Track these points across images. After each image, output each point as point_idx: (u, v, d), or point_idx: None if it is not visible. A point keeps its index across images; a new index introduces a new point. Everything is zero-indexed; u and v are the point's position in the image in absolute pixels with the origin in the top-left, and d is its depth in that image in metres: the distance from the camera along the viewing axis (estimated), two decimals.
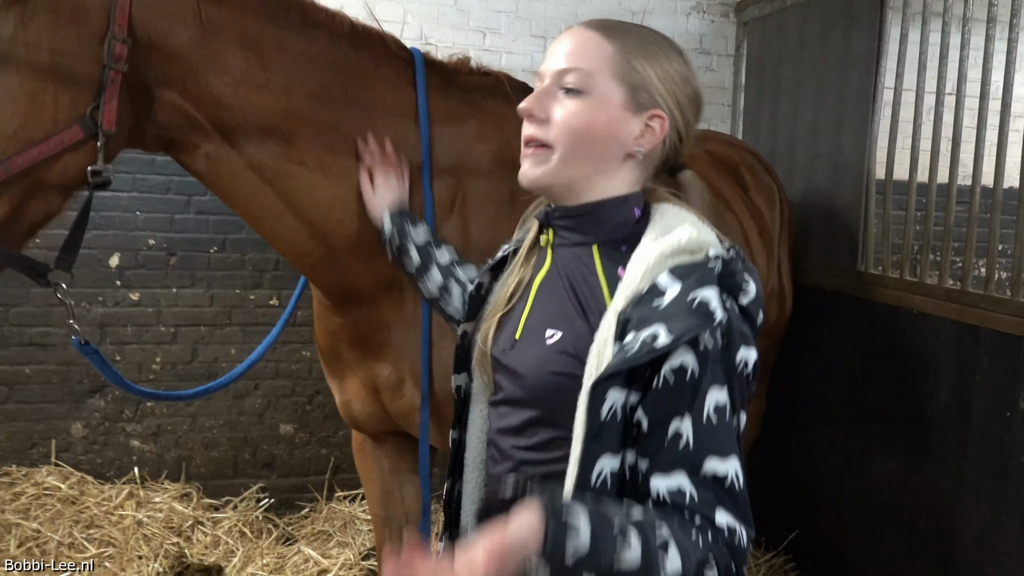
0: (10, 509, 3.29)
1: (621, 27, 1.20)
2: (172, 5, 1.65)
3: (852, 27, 3.21)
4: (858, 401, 3.12)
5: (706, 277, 1.07)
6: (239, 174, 1.76)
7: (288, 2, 1.80)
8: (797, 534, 3.48)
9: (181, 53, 1.65)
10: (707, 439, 1.04)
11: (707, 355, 1.04)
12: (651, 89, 1.16)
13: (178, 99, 1.68)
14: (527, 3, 3.89)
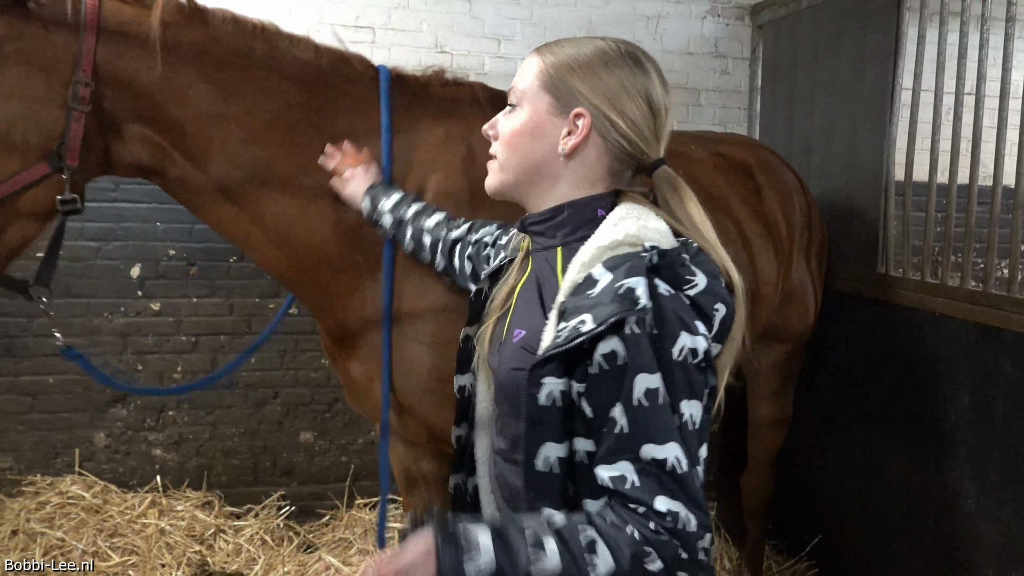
0: (35, 518, 3.33)
1: (560, 44, 1.29)
2: (135, 48, 1.79)
3: (867, 28, 3.19)
4: (879, 405, 3.10)
5: (636, 267, 1.12)
6: (207, 195, 1.91)
7: (252, 31, 1.92)
8: (820, 539, 3.45)
9: (146, 90, 1.81)
10: (640, 425, 1.07)
11: (633, 341, 1.08)
12: (575, 93, 1.24)
13: (146, 131, 1.84)
14: (541, 10, 3.90)
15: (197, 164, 1.88)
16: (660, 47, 4.04)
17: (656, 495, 1.05)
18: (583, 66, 1.24)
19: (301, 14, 3.63)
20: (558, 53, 1.27)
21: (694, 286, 1.14)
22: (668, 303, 1.10)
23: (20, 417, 3.49)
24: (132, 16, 1.81)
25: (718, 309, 1.16)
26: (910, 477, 2.95)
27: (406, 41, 3.75)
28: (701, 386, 1.12)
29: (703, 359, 1.11)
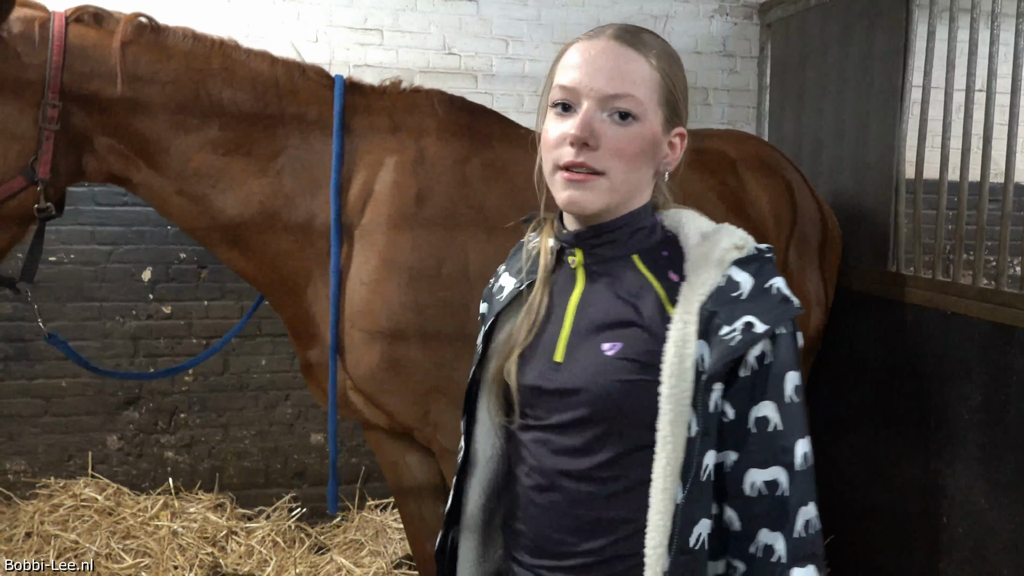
0: (49, 521, 3.35)
1: (652, 43, 1.19)
2: (99, 68, 1.98)
3: (876, 26, 3.18)
4: (889, 404, 3.08)
5: (768, 268, 1.15)
6: (169, 197, 2.11)
7: (211, 47, 2.11)
8: (832, 539, 3.44)
9: (110, 106, 2.00)
10: (792, 421, 1.11)
11: (784, 340, 1.12)
12: (679, 108, 1.20)
13: (111, 142, 2.04)
14: (549, 10, 3.90)
15: (159, 170, 2.07)
16: None
17: (808, 500, 1.12)
18: (683, 80, 1.20)
19: (309, 17, 3.64)
20: (663, 57, 1.18)
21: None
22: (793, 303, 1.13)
23: (34, 420, 3.51)
24: (95, 39, 2.00)
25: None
26: (922, 476, 2.93)
27: (414, 43, 3.76)
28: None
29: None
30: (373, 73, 3.66)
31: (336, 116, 2.15)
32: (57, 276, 3.46)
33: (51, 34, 1.94)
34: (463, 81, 3.82)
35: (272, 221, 2.13)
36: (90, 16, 2.02)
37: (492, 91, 3.86)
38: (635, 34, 1.19)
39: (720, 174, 2.80)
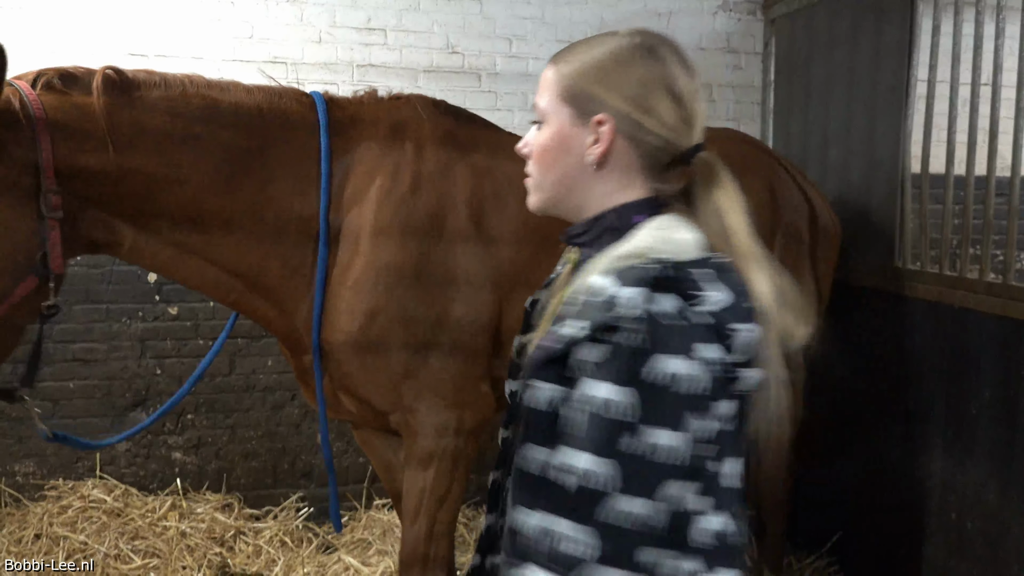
0: (58, 522, 3.36)
1: (572, 50, 1.25)
2: (87, 139, 1.82)
3: (882, 21, 3.17)
4: (899, 401, 3.07)
5: (635, 277, 1.06)
6: (160, 252, 2.01)
7: (183, 91, 1.99)
8: (840, 536, 3.43)
9: (100, 176, 1.85)
10: (581, 431, 1.03)
11: (608, 350, 1.03)
12: (594, 99, 1.19)
13: (101, 213, 1.91)
14: (553, 9, 3.89)
15: (150, 230, 1.97)
16: None
17: (535, 504, 1.06)
18: (597, 70, 1.20)
19: (313, 18, 3.65)
20: (571, 60, 1.22)
21: (704, 303, 1.05)
22: (663, 319, 1.03)
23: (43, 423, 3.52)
24: (74, 108, 1.82)
25: (735, 329, 1.06)
26: (933, 473, 2.92)
27: (418, 43, 3.76)
28: (686, 416, 1.01)
29: (703, 387, 1.02)
30: (377, 73, 3.66)
31: (323, 133, 2.12)
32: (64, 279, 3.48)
33: (31, 113, 1.74)
34: (467, 80, 3.82)
35: (268, 253, 2.11)
36: (57, 79, 1.83)
37: (496, 90, 3.86)
38: (565, 50, 1.26)
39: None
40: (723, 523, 1.07)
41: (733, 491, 1.10)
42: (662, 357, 1.01)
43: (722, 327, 1.06)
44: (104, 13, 3.44)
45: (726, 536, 1.07)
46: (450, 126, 2.35)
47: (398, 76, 3.70)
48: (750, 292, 1.11)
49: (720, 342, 1.05)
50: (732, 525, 1.08)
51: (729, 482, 1.09)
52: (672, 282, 1.06)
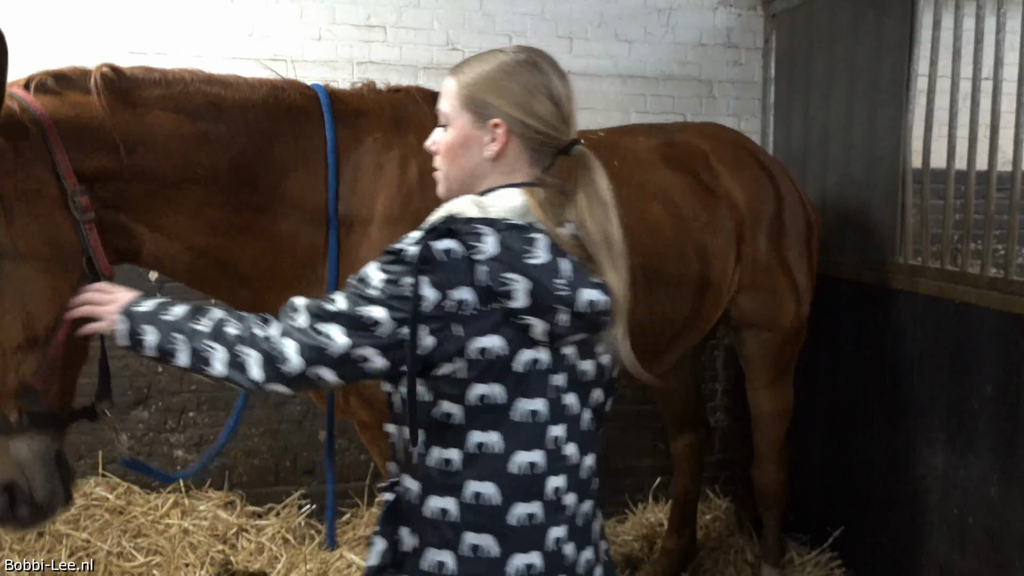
0: (60, 520, 3.36)
1: (469, 64, 1.50)
2: (97, 141, 1.77)
3: (883, 15, 3.17)
4: (901, 396, 3.08)
5: (429, 225, 1.38)
6: (178, 256, 1.97)
7: (186, 87, 1.94)
8: (843, 531, 3.43)
9: (111, 177, 1.80)
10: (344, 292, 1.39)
11: (384, 257, 1.38)
12: (488, 106, 1.45)
13: (119, 217, 1.85)
14: (553, 5, 3.89)
15: (170, 235, 1.92)
16: (672, 39, 4.02)
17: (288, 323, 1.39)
18: (490, 81, 1.45)
19: (313, 15, 3.64)
20: (468, 73, 1.48)
21: (479, 252, 1.33)
22: (430, 255, 1.33)
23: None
24: (76, 109, 1.77)
25: (512, 279, 1.33)
26: (934, 467, 2.92)
27: (418, 39, 3.76)
28: (378, 304, 1.34)
29: (399, 295, 1.33)
30: (377, 70, 3.66)
31: (328, 127, 2.09)
32: None
33: (36, 116, 1.70)
34: None
35: (280, 250, 2.07)
36: (51, 80, 1.77)
37: None
38: (461, 64, 1.52)
39: (691, 167, 2.82)
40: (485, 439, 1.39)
41: (538, 426, 1.41)
42: (412, 278, 1.33)
43: (493, 273, 1.33)
44: (103, 11, 3.43)
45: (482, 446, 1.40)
46: None
47: (398, 73, 3.69)
48: (538, 251, 1.36)
49: (479, 285, 1.33)
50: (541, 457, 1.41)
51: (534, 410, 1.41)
52: (452, 232, 1.35)
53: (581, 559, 1.49)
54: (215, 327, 1.42)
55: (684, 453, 3.42)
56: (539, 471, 1.41)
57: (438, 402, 1.39)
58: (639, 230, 2.56)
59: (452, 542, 1.40)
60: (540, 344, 1.39)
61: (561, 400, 1.43)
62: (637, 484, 4.07)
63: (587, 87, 3.94)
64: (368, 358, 1.35)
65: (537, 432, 1.41)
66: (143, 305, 1.50)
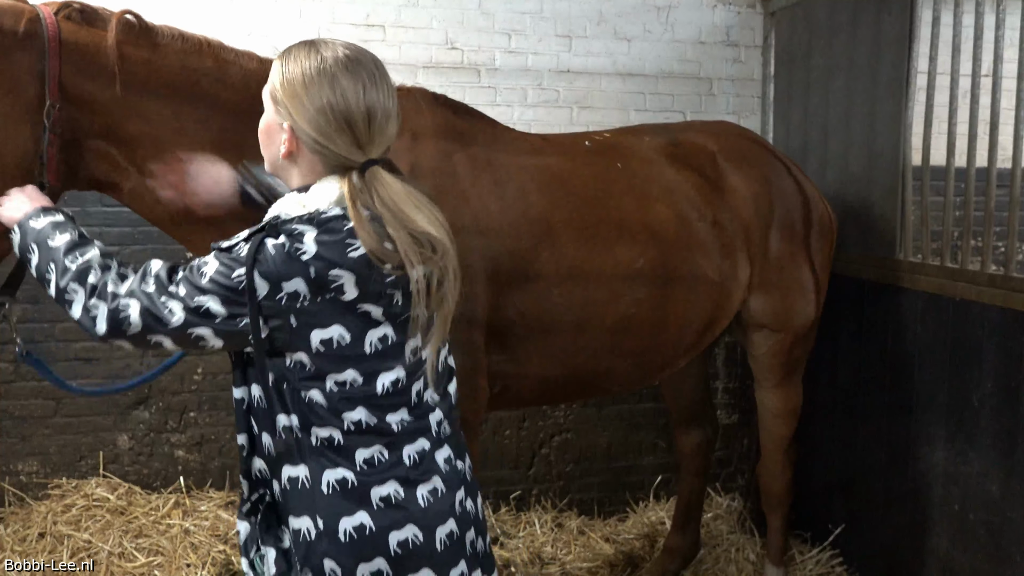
0: (62, 521, 3.37)
1: (289, 57, 1.53)
2: (94, 68, 1.90)
3: (882, 12, 3.16)
4: (901, 392, 3.08)
5: (261, 226, 1.48)
6: (158, 203, 2.01)
7: (199, 48, 2.05)
8: (843, 528, 3.43)
9: (105, 108, 1.92)
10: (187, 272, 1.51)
11: (218, 254, 1.50)
12: (286, 108, 1.50)
13: (104, 146, 1.96)
14: (552, 3, 3.89)
15: (151, 177, 1.97)
16: (671, 36, 4.02)
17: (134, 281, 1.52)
18: (292, 87, 1.49)
19: (312, 14, 3.64)
20: (284, 67, 1.52)
21: (304, 252, 1.42)
22: (253, 249, 1.43)
23: (45, 421, 3.53)
24: (88, 38, 1.91)
25: (338, 275, 1.42)
26: (935, 464, 2.92)
27: (416, 39, 3.76)
28: (213, 295, 1.46)
29: (232, 286, 1.45)
30: None
31: None
32: None
33: (44, 30, 1.83)
34: (466, 76, 3.81)
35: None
36: (77, 13, 1.92)
37: (495, 85, 3.86)
38: (288, 49, 1.56)
39: (697, 166, 2.78)
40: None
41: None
42: (255, 275, 1.43)
43: (323, 272, 1.41)
44: None
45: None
46: (450, 118, 2.36)
47: (397, 72, 3.66)
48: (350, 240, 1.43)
49: (310, 278, 1.42)
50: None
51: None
52: (278, 232, 1.44)
53: (466, 469, 1.66)
54: (81, 270, 1.51)
55: (691, 451, 3.40)
56: (410, 422, 1.54)
57: (300, 392, 1.48)
58: (643, 233, 2.54)
59: (362, 503, 1.49)
60: (384, 322, 1.49)
61: (419, 357, 1.55)
62: (638, 482, 4.07)
63: (586, 85, 3.94)
64: (204, 337, 1.48)
65: (402, 394, 1.53)
66: (38, 220, 1.59)
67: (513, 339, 2.37)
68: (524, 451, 3.93)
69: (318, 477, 1.49)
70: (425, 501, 1.52)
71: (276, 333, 1.46)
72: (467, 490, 1.62)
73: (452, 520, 1.56)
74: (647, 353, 2.64)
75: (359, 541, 1.48)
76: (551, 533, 3.73)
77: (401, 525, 1.50)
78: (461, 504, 1.59)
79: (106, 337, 1.50)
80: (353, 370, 1.48)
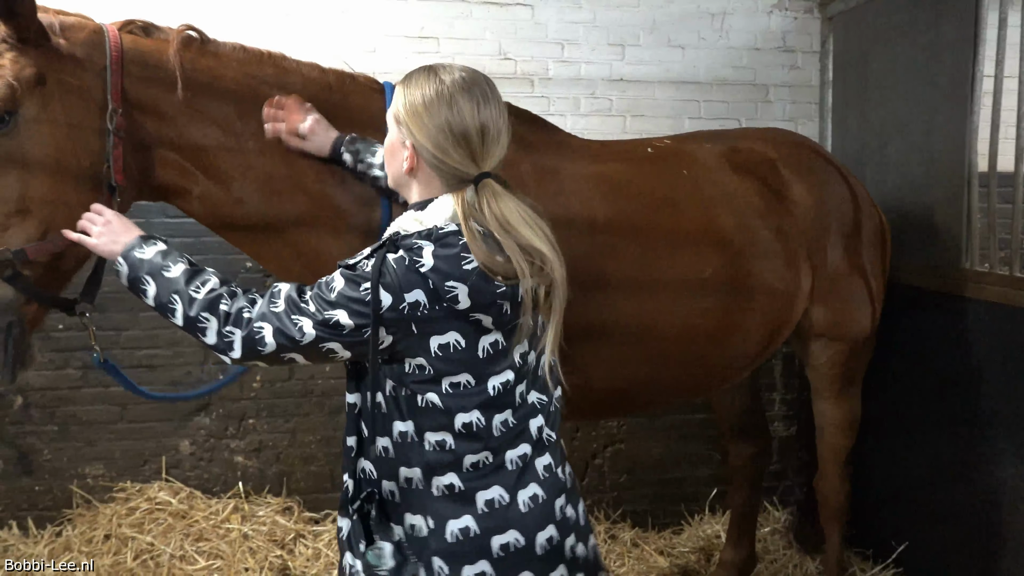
0: (126, 523, 3.46)
1: (409, 83, 1.64)
2: (156, 74, 1.98)
3: (942, 16, 3.09)
4: (967, 406, 2.98)
5: (380, 242, 1.58)
6: (228, 207, 2.09)
7: (260, 57, 2.14)
8: (907, 546, 3.33)
9: (170, 115, 2.00)
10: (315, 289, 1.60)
11: (344, 270, 1.58)
12: (408, 128, 1.61)
13: (170, 154, 2.02)
14: (604, 12, 3.88)
15: (218, 183, 2.06)
16: (726, 43, 3.98)
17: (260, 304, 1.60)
18: (412, 108, 1.60)
19: (366, 28, 3.70)
20: (404, 92, 1.64)
21: (422, 264, 1.52)
22: (377, 264, 1.53)
23: (110, 427, 3.64)
24: (151, 46, 2.00)
25: (453, 287, 1.51)
26: (1003, 480, 2.82)
27: (469, 50, 3.79)
28: (342, 308, 1.54)
29: (359, 298, 1.53)
30: None
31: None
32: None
33: (107, 40, 1.93)
34: (519, 86, 3.83)
35: (326, 227, 2.14)
36: (139, 28, 2.03)
37: (548, 95, 3.87)
38: (408, 75, 1.67)
39: (759, 174, 2.73)
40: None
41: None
42: (379, 288, 1.52)
43: (440, 283, 1.51)
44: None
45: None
46: (514, 127, 2.37)
47: None
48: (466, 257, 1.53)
49: (428, 288, 1.51)
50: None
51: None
52: (396, 246, 1.55)
53: (567, 476, 1.72)
54: (210, 299, 1.60)
55: (742, 463, 3.34)
56: (514, 425, 1.62)
57: (418, 396, 1.58)
58: (707, 241, 2.51)
59: (468, 506, 1.58)
60: (494, 330, 1.58)
61: (526, 362, 1.65)
62: (693, 495, 4.01)
63: (639, 94, 3.92)
64: (335, 350, 1.57)
65: (508, 396, 1.61)
66: (143, 251, 1.69)
67: (574, 349, 2.37)
68: (577, 462, 3.92)
69: (429, 480, 1.59)
70: (526, 506, 1.60)
71: (399, 340, 1.55)
72: (568, 497, 1.69)
73: (552, 526, 1.62)
74: (710, 363, 2.60)
75: (464, 543, 1.57)
76: (604, 545, 3.70)
77: (504, 529, 1.59)
78: (562, 511, 1.66)
79: (241, 360, 1.60)
80: (467, 373, 1.57)
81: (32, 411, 3.58)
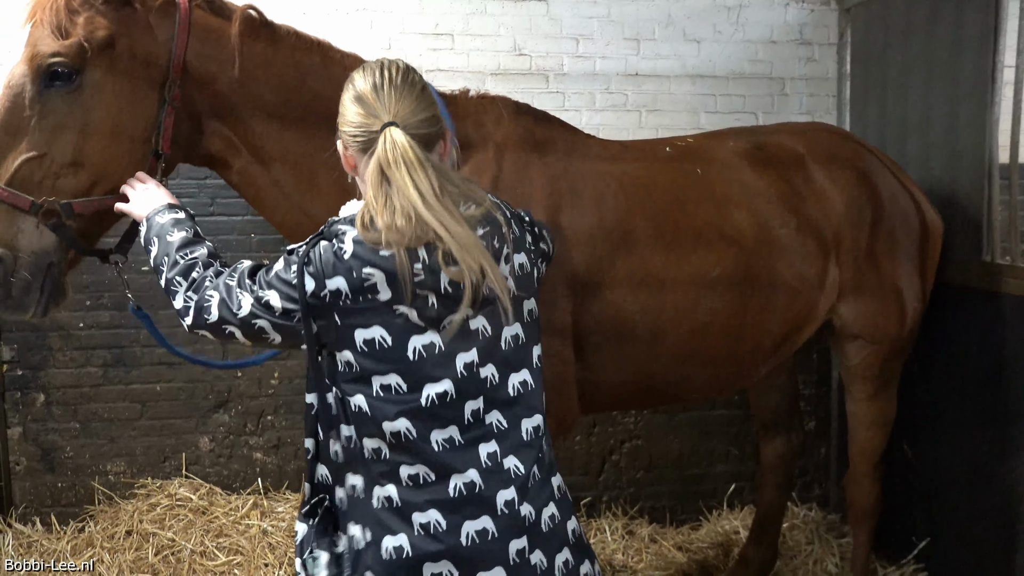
0: (147, 519, 3.50)
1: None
2: (218, 52, 2.07)
3: (963, 7, 3.05)
4: (989, 401, 2.95)
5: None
6: (265, 187, 2.18)
7: (310, 45, 2.21)
8: (928, 543, 3.31)
9: (224, 91, 2.09)
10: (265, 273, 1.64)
11: (285, 256, 1.61)
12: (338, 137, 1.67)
13: (220, 126, 2.12)
14: (619, 7, 3.87)
15: (259, 159, 2.14)
16: (742, 37, 3.95)
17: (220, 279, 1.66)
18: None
19: (382, 26, 3.71)
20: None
21: (343, 250, 1.51)
22: (307, 249, 1.55)
23: (132, 423, 3.68)
24: (216, 25, 2.09)
25: (371, 274, 1.49)
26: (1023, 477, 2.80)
27: (484, 46, 3.78)
28: (274, 289, 1.57)
29: (288, 281, 1.55)
30: (445, 77, 3.70)
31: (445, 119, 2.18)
32: (152, 284, 3.61)
33: (178, 12, 2.02)
34: (534, 82, 3.82)
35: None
36: (207, 4, 2.11)
37: (564, 90, 3.86)
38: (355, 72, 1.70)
39: (781, 170, 2.67)
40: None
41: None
42: (304, 273, 1.54)
43: (359, 269, 1.49)
44: None
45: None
46: (531, 125, 2.39)
47: (466, 80, 3.72)
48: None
49: (350, 277, 1.50)
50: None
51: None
52: (326, 235, 1.56)
53: (544, 518, 1.59)
54: (187, 265, 1.68)
55: (773, 460, 3.28)
56: (460, 444, 1.53)
57: (348, 399, 1.54)
58: (720, 239, 2.48)
59: (405, 524, 1.51)
60: (427, 328, 1.52)
61: (473, 374, 1.55)
62: (711, 490, 4.00)
63: (655, 88, 3.91)
64: (265, 330, 1.58)
65: (450, 410, 1.53)
66: (163, 216, 1.79)
67: (588, 347, 2.36)
68: (594, 457, 3.91)
69: (371, 489, 1.53)
70: (469, 540, 1.50)
71: (324, 331, 1.54)
72: (536, 543, 1.55)
73: (500, 568, 1.50)
74: (724, 362, 2.59)
75: (396, 563, 1.49)
76: (622, 540, 3.70)
77: (437, 559, 1.49)
78: (520, 555, 1.52)
79: (191, 327, 1.66)
80: (396, 375, 1.51)
81: (54, 409, 3.62)
